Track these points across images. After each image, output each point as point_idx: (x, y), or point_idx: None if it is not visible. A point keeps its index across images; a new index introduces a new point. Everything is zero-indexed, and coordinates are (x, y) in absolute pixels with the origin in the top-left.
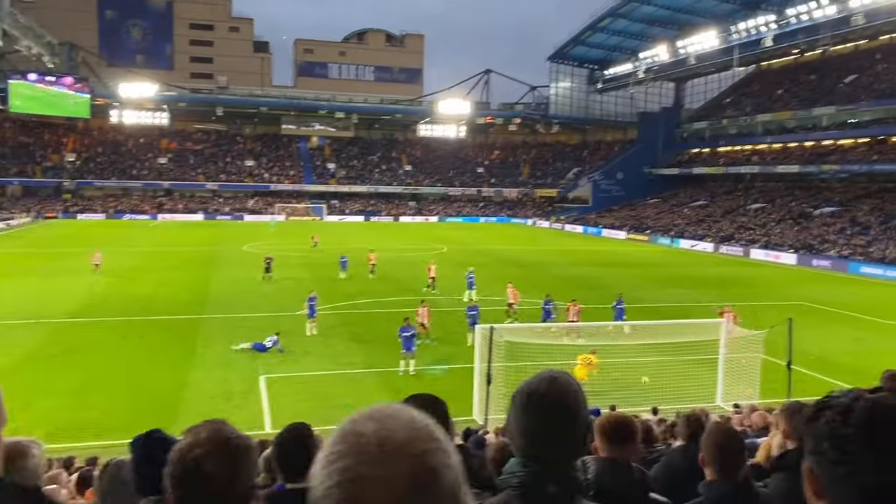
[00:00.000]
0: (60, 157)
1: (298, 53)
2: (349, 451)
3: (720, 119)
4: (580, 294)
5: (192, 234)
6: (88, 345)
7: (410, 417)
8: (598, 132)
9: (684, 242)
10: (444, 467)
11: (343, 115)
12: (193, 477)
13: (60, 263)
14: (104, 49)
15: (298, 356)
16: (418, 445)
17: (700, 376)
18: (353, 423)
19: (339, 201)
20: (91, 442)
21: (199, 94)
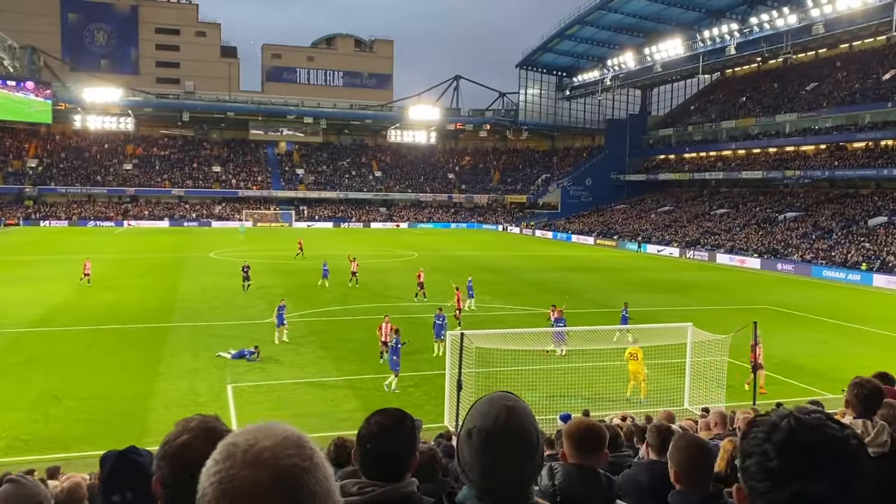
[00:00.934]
0: (22, 163)
1: (266, 58)
2: (223, 458)
3: (686, 126)
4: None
5: (159, 241)
6: (51, 355)
7: (282, 430)
8: (566, 139)
9: (651, 247)
10: (304, 472)
11: (312, 120)
12: (181, 461)
13: (22, 272)
14: (67, 53)
15: (267, 365)
16: (281, 452)
17: (667, 380)
18: (232, 436)
19: (308, 207)
20: (56, 454)
21: (165, 99)
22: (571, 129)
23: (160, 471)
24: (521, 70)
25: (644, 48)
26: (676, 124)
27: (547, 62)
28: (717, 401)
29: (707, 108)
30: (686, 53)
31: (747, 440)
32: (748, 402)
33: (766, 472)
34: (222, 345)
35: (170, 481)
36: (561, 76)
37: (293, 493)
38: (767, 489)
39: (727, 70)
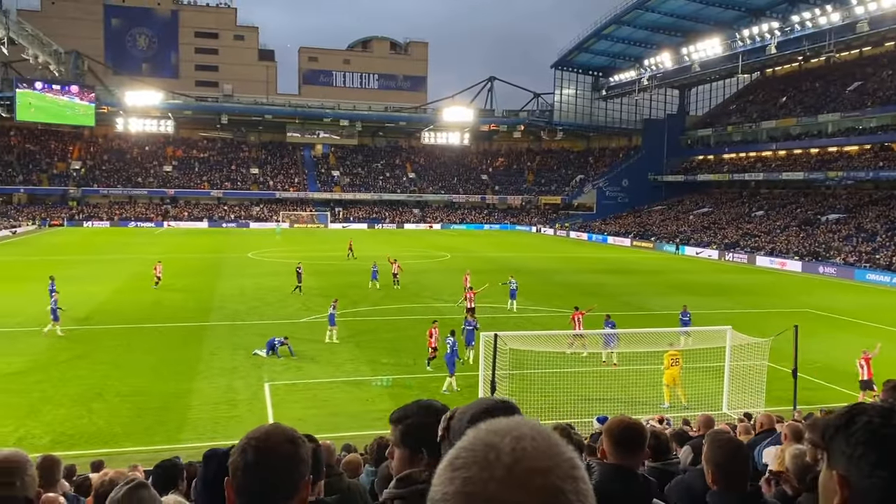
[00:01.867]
0: (66, 165)
1: (303, 61)
2: (477, 462)
3: (725, 126)
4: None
5: (198, 242)
6: (94, 352)
7: (552, 442)
8: (602, 139)
9: (689, 249)
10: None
11: (347, 122)
12: (261, 445)
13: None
14: (110, 57)
15: (303, 363)
16: (552, 479)
17: (705, 384)
18: (488, 433)
19: (343, 209)
20: (98, 449)
21: (205, 102)
22: (607, 130)
23: (236, 476)
24: (557, 70)
25: (682, 48)
26: (715, 124)
27: (582, 62)
28: (756, 405)
29: (747, 108)
30: (725, 53)
31: (854, 428)
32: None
33: (887, 457)
34: (260, 344)
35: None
36: (597, 76)
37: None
38: (890, 475)
39: (767, 69)
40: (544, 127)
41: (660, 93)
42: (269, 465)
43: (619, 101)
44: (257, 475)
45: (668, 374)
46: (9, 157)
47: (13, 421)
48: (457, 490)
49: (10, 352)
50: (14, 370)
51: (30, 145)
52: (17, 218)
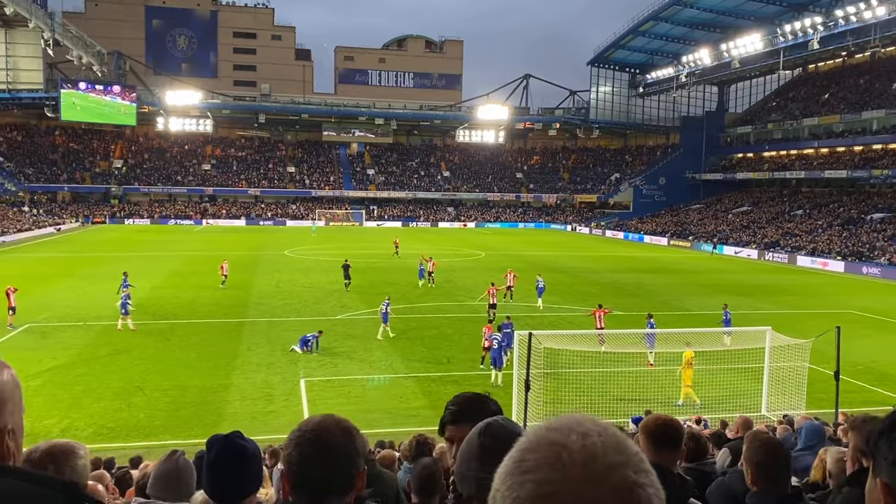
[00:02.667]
0: (109, 164)
1: (339, 61)
2: (549, 463)
3: (765, 123)
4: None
5: (236, 239)
6: (135, 347)
7: (619, 437)
8: (639, 137)
9: (728, 249)
10: (652, 499)
11: (382, 121)
12: (316, 438)
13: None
14: (151, 58)
15: (338, 360)
16: (628, 474)
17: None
18: (554, 432)
19: (378, 207)
20: (138, 442)
21: (242, 101)
22: (644, 127)
23: (293, 464)
24: (593, 67)
25: (721, 44)
26: (755, 122)
27: (619, 59)
28: (796, 407)
29: (788, 104)
30: (766, 49)
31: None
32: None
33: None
34: (296, 340)
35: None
36: (634, 73)
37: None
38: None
39: (809, 65)
40: (580, 125)
41: (698, 90)
42: (327, 459)
43: (656, 98)
44: (315, 469)
45: (687, 374)
46: (54, 156)
47: (57, 413)
48: (530, 494)
49: (55, 346)
50: (59, 364)
51: (74, 144)
52: (61, 215)
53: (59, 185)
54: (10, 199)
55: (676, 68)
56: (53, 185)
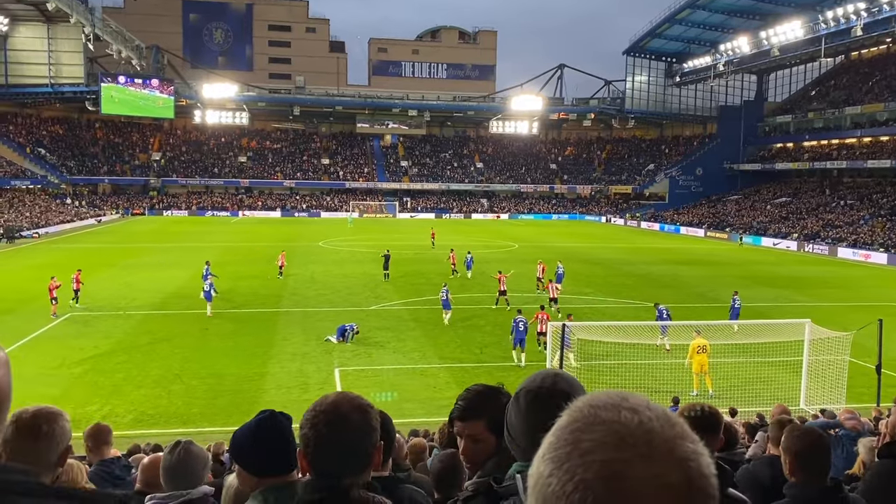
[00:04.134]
0: (147, 156)
1: (373, 52)
2: (611, 443)
3: (805, 112)
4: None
5: (271, 231)
6: (174, 336)
7: (666, 411)
8: (675, 127)
9: (766, 240)
10: (712, 476)
11: (416, 112)
12: (331, 417)
13: (147, 258)
14: (188, 51)
15: (372, 350)
16: (688, 446)
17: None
18: (603, 410)
19: (412, 199)
20: (177, 429)
21: (278, 94)
22: (681, 117)
23: (311, 440)
24: (628, 57)
25: (760, 31)
26: (795, 111)
27: (655, 48)
28: (836, 402)
29: (829, 93)
30: (807, 36)
31: None
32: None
33: None
34: (330, 330)
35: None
36: (670, 62)
37: (704, 499)
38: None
39: (852, 52)
40: (615, 115)
41: (736, 79)
42: (342, 437)
43: (693, 87)
44: (331, 447)
45: (696, 362)
46: (94, 149)
47: (99, 399)
48: (598, 475)
49: (96, 335)
50: (100, 352)
51: (114, 137)
52: (101, 207)
53: (99, 178)
54: (53, 191)
55: (714, 57)
56: (94, 177)
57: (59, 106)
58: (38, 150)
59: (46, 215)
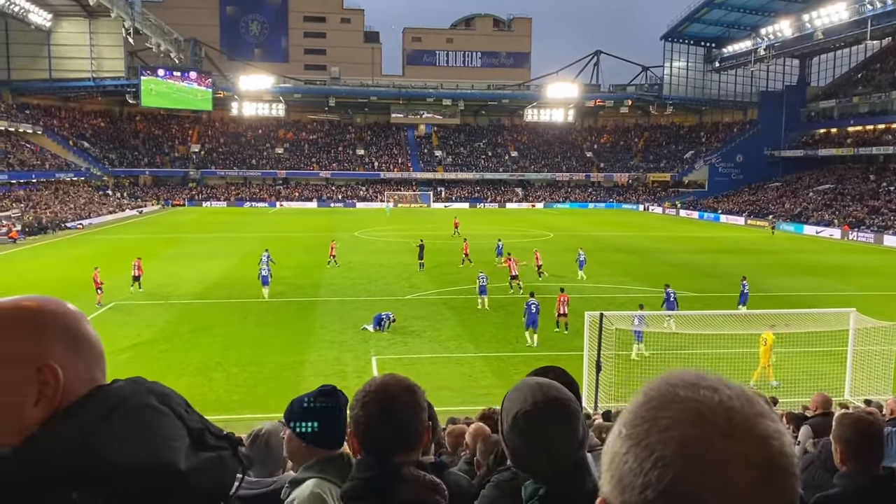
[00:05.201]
0: (186, 148)
1: (407, 42)
2: (690, 420)
3: (850, 97)
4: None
5: (308, 221)
6: (214, 324)
7: (745, 390)
8: (715, 113)
9: (808, 228)
10: (793, 455)
11: (450, 102)
12: (381, 397)
13: (187, 248)
14: (225, 44)
15: (408, 339)
16: (768, 424)
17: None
18: (682, 388)
19: (446, 188)
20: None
21: (313, 85)
22: (721, 103)
23: (364, 421)
24: (666, 42)
25: (803, 14)
26: (839, 95)
27: (694, 33)
28: (882, 392)
29: (875, 76)
30: (852, 18)
31: None
32: None
33: None
34: (367, 319)
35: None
36: (709, 47)
37: (786, 478)
38: None
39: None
40: (653, 101)
41: (778, 63)
42: (392, 417)
43: (733, 72)
44: (381, 427)
45: (766, 354)
46: (135, 142)
47: None
48: (677, 453)
49: (139, 323)
50: (143, 340)
51: (154, 129)
52: (143, 198)
53: (140, 170)
54: (95, 183)
55: (755, 41)
56: (135, 169)
57: (100, 99)
58: (81, 143)
59: (90, 207)
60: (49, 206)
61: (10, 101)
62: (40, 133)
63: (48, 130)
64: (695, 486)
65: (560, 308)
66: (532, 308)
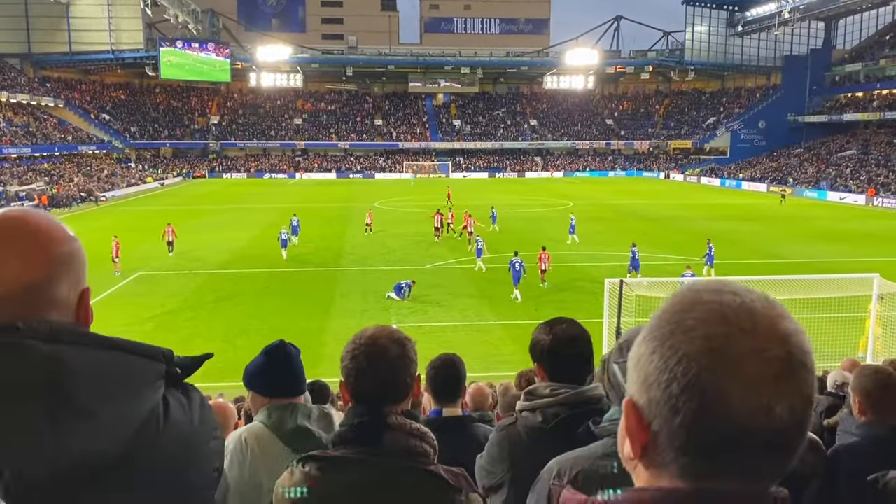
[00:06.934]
0: (206, 120)
1: (424, 9)
2: (714, 320)
3: (877, 60)
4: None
5: (327, 192)
6: (237, 294)
7: (766, 295)
8: (737, 78)
9: (832, 195)
10: (811, 352)
11: (468, 70)
12: (371, 350)
13: (211, 219)
14: (242, 15)
15: (429, 307)
16: (789, 324)
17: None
18: (705, 293)
19: (465, 158)
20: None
21: (331, 55)
22: (743, 68)
23: (353, 371)
24: (688, 6)
25: None
26: (866, 58)
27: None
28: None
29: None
30: None
31: None
32: None
33: None
34: (389, 287)
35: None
36: (732, 10)
37: (804, 375)
38: None
39: None
40: (674, 67)
41: (802, 26)
42: (382, 368)
43: (756, 36)
44: (371, 379)
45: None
46: (155, 114)
47: None
48: (701, 349)
49: (164, 293)
50: (167, 310)
51: (173, 101)
52: (164, 171)
53: (161, 142)
54: (117, 155)
55: (779, 4)
56: (156, 141)
57: (120, 72)
58: (102, 115)
59: (112, 179)
60: (73, 179)
61: (32, 75)
62: (62, 106)
63: (69, 103)
64: (718, 380)
65: (542, 265)
66: (516, 266)
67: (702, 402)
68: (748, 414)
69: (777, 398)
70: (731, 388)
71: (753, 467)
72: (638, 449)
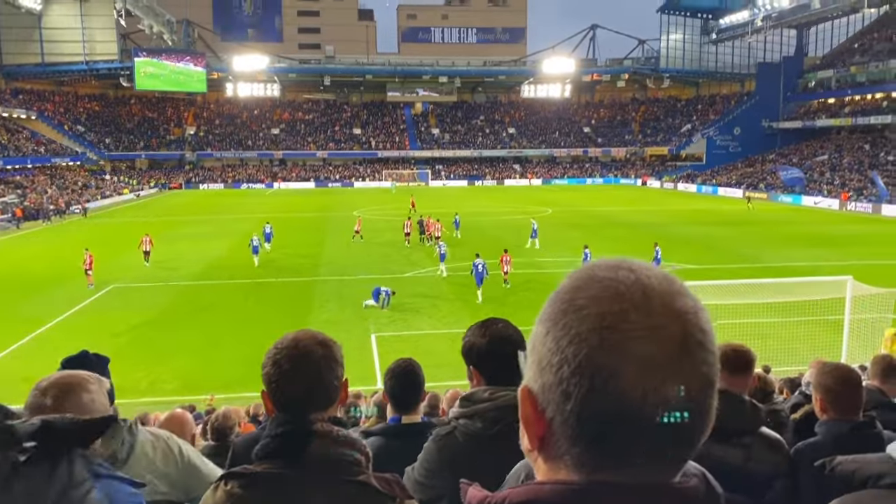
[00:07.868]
0: (182, 131)
1: (402, 19)
2: (607, 297)
3: (848, 66)
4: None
5: (306, 201)
6: (213, 305)
7: (665, 272)
8: (712, 85)
9: (807, 199)
10: (711, 332)
11: (446, 79)
12: (293, 353)
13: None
14: (218, 25)
15: (408, 315)
16: (686, 300)
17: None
18: (600, 269)
19: (444, 166)
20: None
21: (308, 64)
22: (718, 75)
23: (275, 375)
24: (663, 14)
25: None
26: (837, 65)
27: (690, 4)
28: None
29: (873, 45)
30: None
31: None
32: None
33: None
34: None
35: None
36: (706, 19)
37: (703, 355)
38: None
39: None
40: (650, 75)
41: (775, 34)
42: (305, 372)
43: (730, 44)
44: (295, 384)
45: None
46: (130, 125)
47: (144, 367)
48: (593, 326)
49: (139, 305)
50: (144, 321)
51: (148, 113)
52: (139, 182)
53: (136, 153)
54: (91, 167)
55: (752, 12)
56: (132, 152)
57: (94, 83)
58: (75, 127)
59: (87, 191)
60: (46, 192)
61: (3, 87)
62: (34, 118)
63: (42, 115)
64: (610, 360)
65: (503, 267)
66: (479, 267)
67: (592, 384)
68: (641, 396)
69: (671, 379)
70: (622, 368)
71: (651, 456)
72: (535, 440)
